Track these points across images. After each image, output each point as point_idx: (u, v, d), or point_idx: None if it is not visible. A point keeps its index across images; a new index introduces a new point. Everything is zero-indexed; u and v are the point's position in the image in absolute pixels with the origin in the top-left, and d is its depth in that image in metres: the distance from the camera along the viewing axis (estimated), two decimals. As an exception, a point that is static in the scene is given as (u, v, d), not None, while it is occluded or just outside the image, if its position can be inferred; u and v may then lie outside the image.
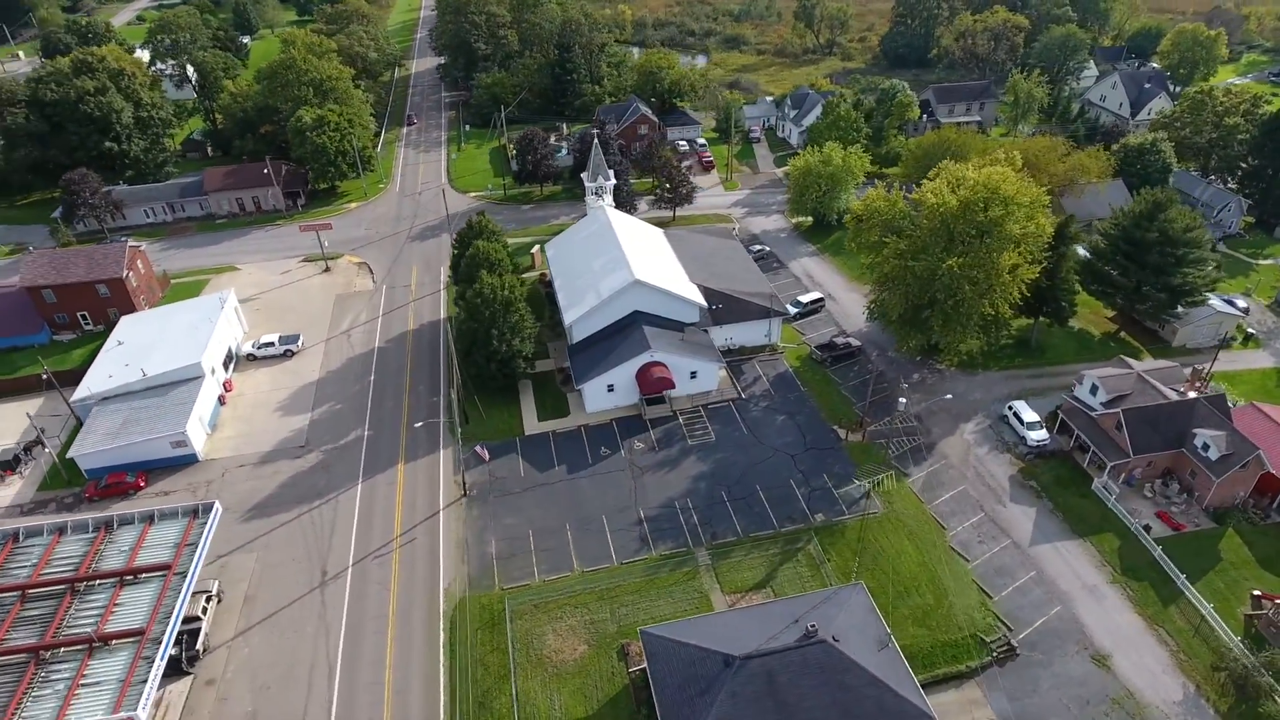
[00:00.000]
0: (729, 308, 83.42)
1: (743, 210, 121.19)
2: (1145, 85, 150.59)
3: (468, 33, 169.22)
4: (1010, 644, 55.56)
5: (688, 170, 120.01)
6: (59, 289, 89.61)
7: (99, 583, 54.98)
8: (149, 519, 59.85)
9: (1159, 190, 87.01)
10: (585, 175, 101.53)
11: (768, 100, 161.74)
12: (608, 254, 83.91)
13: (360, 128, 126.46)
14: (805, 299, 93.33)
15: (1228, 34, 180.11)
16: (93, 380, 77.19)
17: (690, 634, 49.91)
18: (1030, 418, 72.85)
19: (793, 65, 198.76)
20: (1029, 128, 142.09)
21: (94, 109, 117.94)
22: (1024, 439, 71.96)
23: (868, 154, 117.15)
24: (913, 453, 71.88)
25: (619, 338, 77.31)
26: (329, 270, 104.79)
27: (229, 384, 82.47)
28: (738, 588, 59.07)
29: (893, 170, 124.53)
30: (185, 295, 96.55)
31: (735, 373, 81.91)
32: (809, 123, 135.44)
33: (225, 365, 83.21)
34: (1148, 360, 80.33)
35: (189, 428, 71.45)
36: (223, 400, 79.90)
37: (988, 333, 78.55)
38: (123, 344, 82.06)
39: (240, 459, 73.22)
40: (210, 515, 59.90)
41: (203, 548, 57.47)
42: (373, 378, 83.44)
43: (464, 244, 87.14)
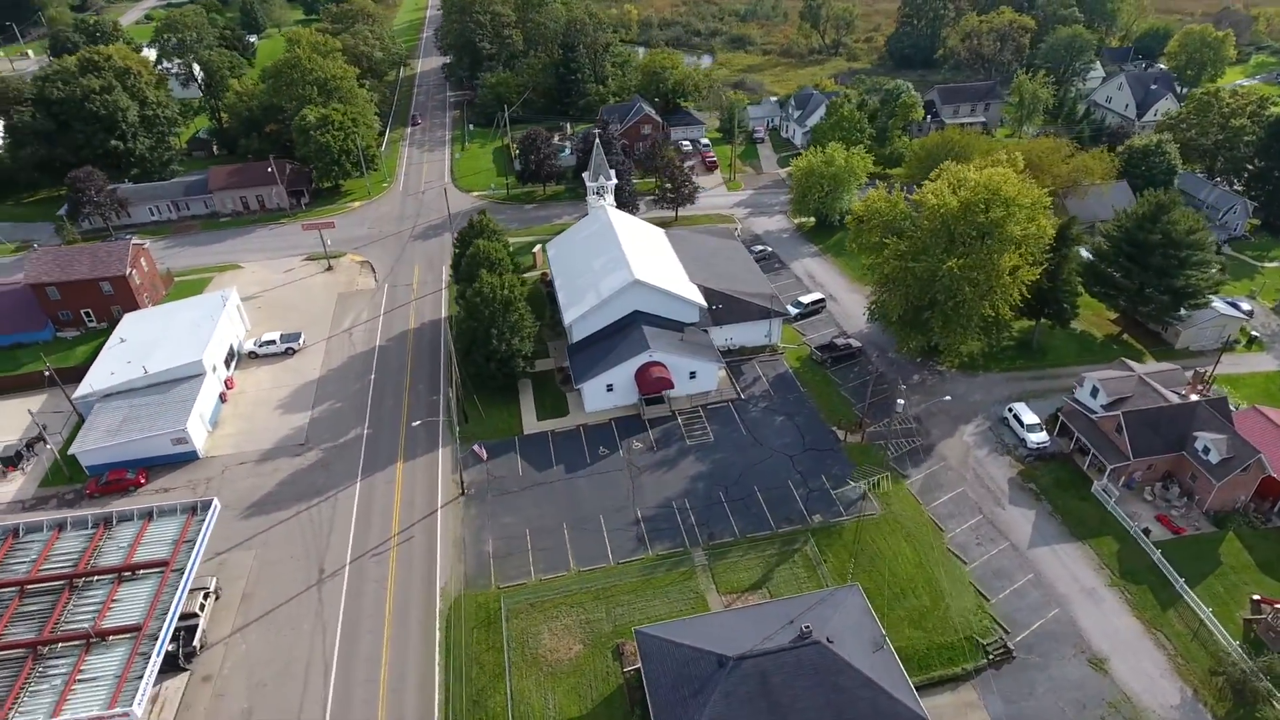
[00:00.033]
0: (729, 308, 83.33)
1: (745, 210, 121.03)
2: (1152, 86, 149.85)
3: (472, 32, 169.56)
4: (1007, 647, 55.34)
5: (690, 170, 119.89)
6: (63, 286, 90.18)
7: (97, 579, 55.33)
8: (148, 515, 60.17)
9: (1162, 192, 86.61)
10: (587, 175, 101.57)
11: (772, 100, 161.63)
12: (608, 254, 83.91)
13: (364, 127, 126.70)
14: (806, 300, 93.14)
15: (1236, 35, 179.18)
16: (95, 377, 77.63)
17: (685, 634, 49.93)
18: (1030, 420, 72.56)
19: (798, 65, 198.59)
20: (1034, 129, 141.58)
21: (100, 107, 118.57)
22: (1024, 441, 71.69)
23: (871, 154, 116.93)
24: (911, 454, 71.64)
25: (618, 337, 77.31)
26: (331, 269, 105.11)
27: (230, 382, 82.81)
28: (734, 588, 59.00)
29: (896, 171, 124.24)
30: (188, 293, 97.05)
31: (735, 373, 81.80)
32: (813, 123, 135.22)
33: (227, 363, 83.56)
34: (1150, 363, 79.96)
35: (189, 425, 71.77)
36: (224, 398, 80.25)
37: (988, 334, 78.25)
38: (125, 341, 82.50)
39: (240, 456, 73.52)
40: (208, 512, 60.17)
41: (200, 545, 57.74)
42: (373, 376, 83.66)
43: (465, 243, 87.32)
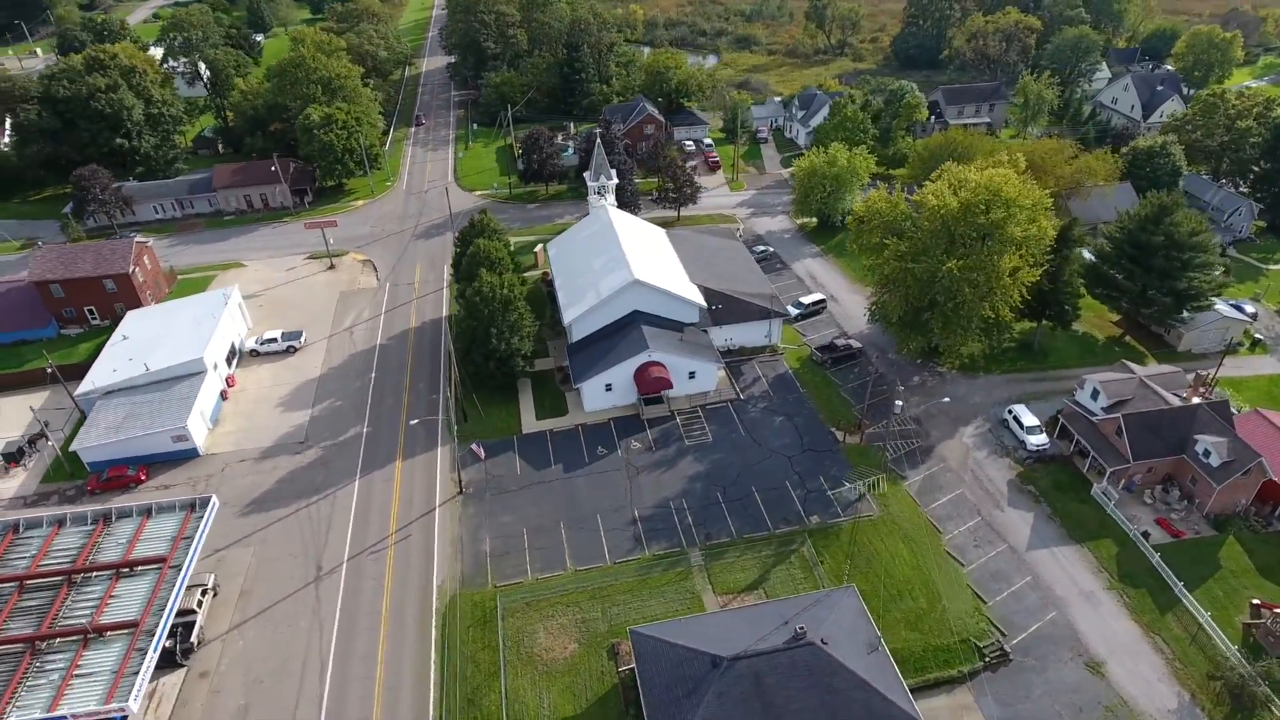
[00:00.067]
0: (729, 308, 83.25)
1: (748, 211, 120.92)
2: (1158, 88, 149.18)
3: (477, 31, 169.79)
4: (1003, 649, 55.18)
5: (693, 170, 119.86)
6: (66, 284, 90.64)
7: (95, 574, 55.61)
8: (146, 512, 60.44)
9: (1165, 194, 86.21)
10: (588, 175, 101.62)
11: (776, 100, 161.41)
12: (608, 253, 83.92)
13: (368, 125, 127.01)
14: (807, 300, 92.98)
15: (1244, 36, 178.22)
16: (97, 374, 78.05)
17: (679, 634, 49.89)
18: (1030, 422, 72.29)
19: (803, 66, 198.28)
20: (1038, 130, 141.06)
21: (105, 106, 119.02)
22: (1023, 443, 71.46)
23: (874, 155, 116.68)
24: (910, 456, 71.46)
25: (618, 337, 77.32)
26: (334, 267, 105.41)
27: (232, 379, 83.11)
28: (730, 589, 58.96)
29: (900, 172, 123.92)
30: (191, 291, 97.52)
31: (734, 373, 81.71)
32: (816, 123, 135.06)
33: (229, 361, 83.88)
34: (1151, 365, 79.61)
35: (190, 422, 72.07)
36: (225, 396, 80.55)
37: (989, 336, 77.95)
38: (127, 339, 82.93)
39: (241, 454, 73.79)
40: (207, 509, 60.39)
41: (198, 541, 57.97)
42: (373, 375, 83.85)
43: (465, 242, 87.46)
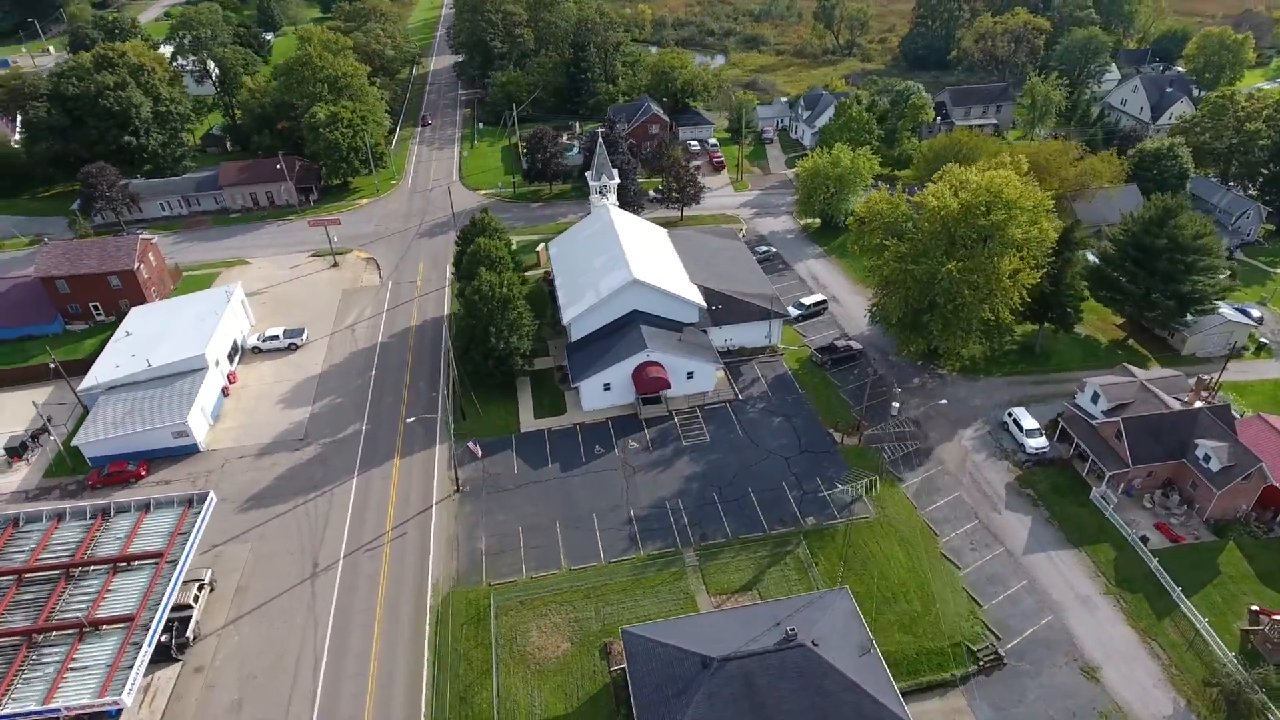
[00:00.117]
0: (729, 308, 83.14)
1: (752, 211, 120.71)
2: (1167, 89, 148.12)
3: (484, 31, 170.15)
4: (998, 653, 54.89)
5: (697, 170, 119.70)
6: (72, 280, 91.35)
7: (93, 569, 56.07)
8: (145, 507, 60.91)
9: (1170, 196, 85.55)
10: (590, 174, 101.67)
11: (782, 101, 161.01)
12: (608, 253, 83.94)
13: (374, 124, 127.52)
14: (808, 301, 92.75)
15: (1257, 38, 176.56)
16: (100, 370, 78.66)
17: (671, 634, 49.85)
18: (1030, 425, 71.87)
19: (811, 66, 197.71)
20: (1046, 131, 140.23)
21: (114, 103, 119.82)
22: (1023, 446, 71.07)
23: (879, 156, 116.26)
24: (908, 458, 71.19)
25: (617, 336, 77.33)
26: (337, 265, 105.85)
27: (233, 376, 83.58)
28: (724, 589, 58.89)
29: (904, 173, 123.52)
30: (196, 288, 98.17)
31: (734, 374, 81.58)
32: (822, 124, 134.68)
33: (230, 357, 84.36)
34: (1154, 369, 79.04)
35: (190, 418, 72.52)
36: (226, 392, 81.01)
37: (989, 338, 77.48)
38: (131, 335, 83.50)
39: (240, 450, 74.23)
40: (204, 505, 60.77)
41: (195, 537, 58.33)
42: (374, 373, 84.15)
43: (467, 241, 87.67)
